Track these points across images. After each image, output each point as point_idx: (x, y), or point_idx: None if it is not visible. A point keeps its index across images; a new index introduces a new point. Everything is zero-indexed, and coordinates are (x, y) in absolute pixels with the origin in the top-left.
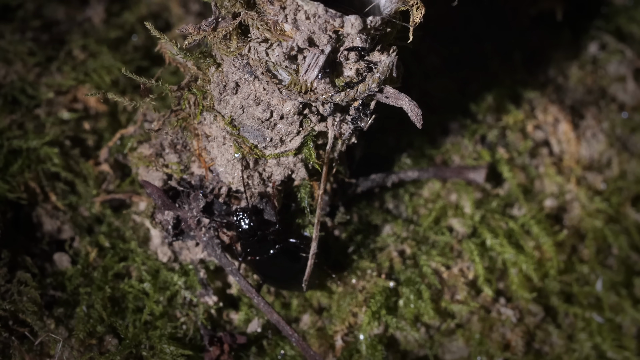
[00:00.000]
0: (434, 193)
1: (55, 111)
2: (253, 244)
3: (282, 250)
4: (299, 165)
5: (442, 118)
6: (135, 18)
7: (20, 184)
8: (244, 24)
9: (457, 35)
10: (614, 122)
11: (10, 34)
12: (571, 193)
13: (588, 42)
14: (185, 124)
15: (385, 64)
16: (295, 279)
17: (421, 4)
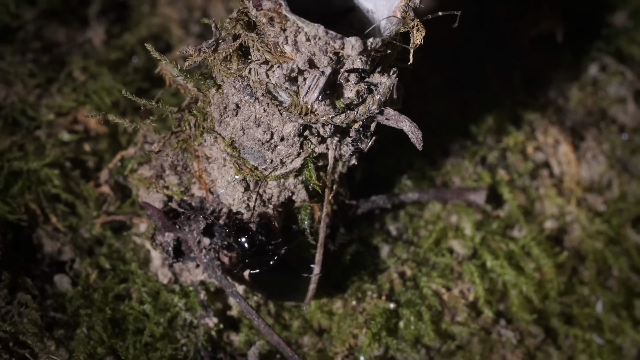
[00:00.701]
0: (434, 215)
1: (56, 133)
2: (251, 256)
3: (281, 262)
4: (299, 187)
5: (443, 139)
6: (136, 39)
7: (21, 206)
8: (244, 46)
9: (458, 57)
10: (614, 143)
11: (10, 56)
12: (571, 214)
13: (588, 63)
14: (185, 145)
15: (386, 86)
16: (296, 290)
17: (421, 26)
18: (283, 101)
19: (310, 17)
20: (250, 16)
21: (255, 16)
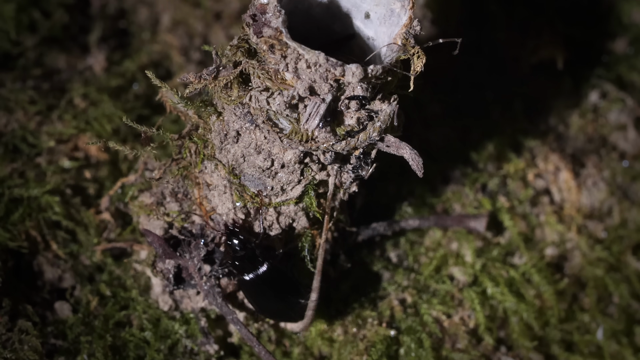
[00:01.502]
0: (434, 242)
1: (56, 160)
2: (242, 259)
3: (273, 270)
4: (300, 214)
5: (443, 166)
6: (136, 66)
7: (21, 233)
8: (244, 73)
9: (458, 84)
10: (614, 170)
11: (11, 83)
12: (572, 241)
13: (589, 90)
14: (186, 172)
15: (386, 113)
16: (292, 309)
17: (422, 53)
18: (284, 128)
19: (311, 44)
20: (251, 43)
21: (255, 43)
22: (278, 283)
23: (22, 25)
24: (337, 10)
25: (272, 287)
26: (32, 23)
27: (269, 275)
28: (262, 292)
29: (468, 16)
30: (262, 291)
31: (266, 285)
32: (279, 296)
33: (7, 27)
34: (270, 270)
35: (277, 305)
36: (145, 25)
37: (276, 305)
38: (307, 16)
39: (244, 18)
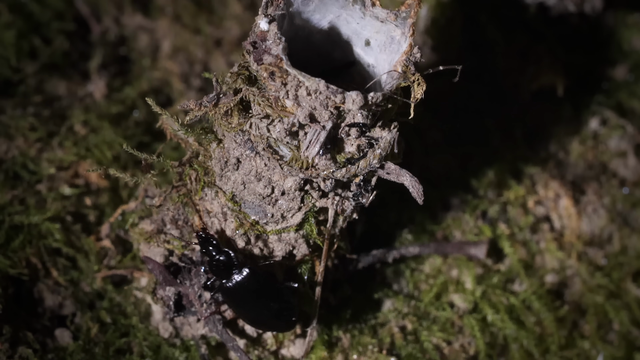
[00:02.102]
0: (435, 268)
1: (57, 186)
2: (219, 267)
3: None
4: (300, 241)
5: (443, 193)
6: (137, 93)
7: (22, 260)
8: (245, 100)
9: (458, 111)
10: (614, 197)
11: (11, 109)
12: (572, 268)
13: (589, 117)
14: (186, 199)
15: (387, 140)
16: (276, 316)
17: (422, 80)
18: (284, 155)
19: (311, 71)
20: (251, 70)
21: (256, 70)
22: (259, 289)
23: (23, 52)
24: (337, 37)
25: (253, 293)
26: (33, 50)
27: (248, 281)
28: (244, 299)
29: (468, 43)
30: (243, 298)
31: (247, 292)
32: (262, 303)
33: (8, 54)
34: (250, 276)
35: (260, 313)
36: (146, 52)
37: (259, 313)
38: (307, 43)
39: (244, 45)
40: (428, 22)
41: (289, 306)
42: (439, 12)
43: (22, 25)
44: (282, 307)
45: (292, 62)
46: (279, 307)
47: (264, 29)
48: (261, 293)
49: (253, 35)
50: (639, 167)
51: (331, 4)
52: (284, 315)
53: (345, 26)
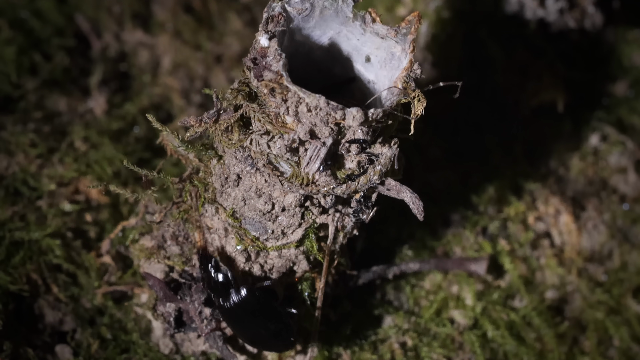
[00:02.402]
0: (435, 284)
1: (57, 203)
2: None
3: (251, 296)
4: (300, 257)
5: (444, 209)
6: (137, 109)
7: (22, 276)
8: (245, 117)
9: (458, 127)
10: (615, 213)
11: (12, 125)
12: (572, 284)
13: (589, 133)
14: (187, 216)
15: (387, 156)
16: (274, 336)
17: (422, 96)
18: (284, 172)
19: (311, 87)
20: (252, 87)
21: (256, 87)
22: (257, 309)
23: (23, 68)
24: (337, 53)
25: (250, 313)
26: (33, 66)
27: (246, 301)
28: (241, 319)
29: (468, 59)
30: (241, 318)
31: (244, 312)
32: (259, 323)
33: (8, 70)
34: (247, 296)
35: (257, 333)
36: (146, 68)
37: (257, 332)
38: (307, 59)
39: (244, 61)
40: (428, 38)
41: (287, 327)
42: (439, 28)
43: (23, 41)
44: (279, 327)
45: (293, 78)
46: (276, 328)
47: (264, 45)
48: (259, 313)
49: (253, 52)
50: (639, 183)
51: (332, 20)
52: (281, 335)
53: (346, 42)
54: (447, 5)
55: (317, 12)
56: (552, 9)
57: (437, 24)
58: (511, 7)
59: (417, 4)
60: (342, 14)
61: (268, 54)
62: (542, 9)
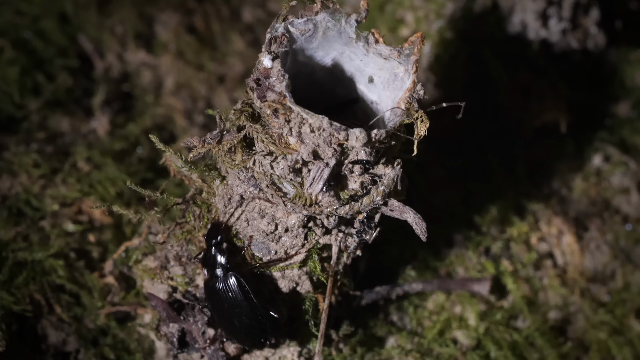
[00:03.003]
0: (438, 305)
1: (60, 223)
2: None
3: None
4: (303, 277)
5: (446, 230)
6: (140, 130)
7: (25, 296)
8: (248, 137)
9: (461, 147)
10: (617, 234)
11: (15, 146)
12: (575, 305)
13: (592, 153)
14: (190, 236)
15: (390, 177)
16: (245, 332)
17: (426, 117)
18: (287, 192)
19: (314, 107)
20: (255, 107)
21: (259, 107)
22: (237, 300)
23: (26, 89)
24: (340, 74)
25: (230, 301)
26: (36, 86)
27: (230, 287)
28: (220, 303)
29: (471, 80)
30: (220, 303)
31: (225, 298)
32: (235, 314)
33: (11, 90)
34: (233, 284)
35: (231, 323)
36: (149, 89)
37: (230, 322)
38: (310, 80)
39: (247, 82)
40: (431, 59)
41: (261, 326)
42: (442, 49)
43: (26, 61)
44: (253, 324)
45: (296, 99)
46: (250, 324)
47: (267, 66)
48: (237, 304)
49: (256, 72)
50: None
51: (334, 40)
52: (252, 333)
53: (349, 63)
54: (450, 26)
55: (320, 32)
56: (554, 29)
57: (440, 45)
58: (514, 28)
59: (420, 24)
60: (345, 35)
61: (271, 74)
62: (544, 30)
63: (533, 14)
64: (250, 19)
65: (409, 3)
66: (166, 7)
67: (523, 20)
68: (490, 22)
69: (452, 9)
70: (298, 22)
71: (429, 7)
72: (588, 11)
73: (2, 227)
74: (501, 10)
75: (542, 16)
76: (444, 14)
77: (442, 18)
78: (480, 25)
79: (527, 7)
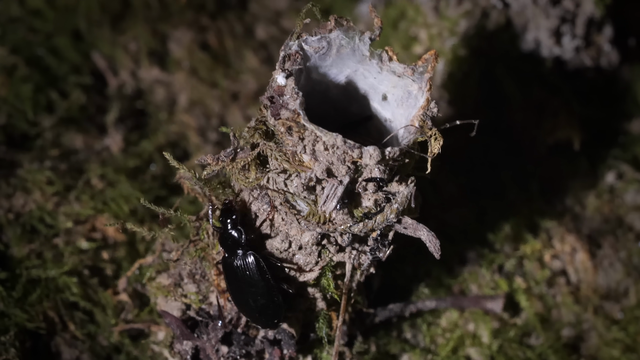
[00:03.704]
0: (451, 322)
1: (74, 240)
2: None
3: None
4: (317, 295)
5: (460, 247)
6: (154, 147)
7: (39, 314)
8: (262, 155)
9: (475, 165)
10: (631, 251)
11: (28, 163)
12: (588, 322)
13: (605, 171)
14: (203, 254)
15: (404, 195)
16: (259, 312)
17: (439, 135)
18: (301, 210)
19: (328, 125)
20: (269, 125)
21: (273, 125)
22: (254, 279)
23: (40, 106)
24: (354, 92)
25: (247, 280)
26: (50, 103)
27: (247, 267)
28: (237, 282)
29: (485, 97)
30: (237, 281)
31: (242, 277)
32: (251, 293)
33: (25, 108)
34: (250, 263)
35: (246, 302)
36: (163, 106)
37: (246, 301)
38: (324, 97)
39: (261, 100)
40: (445, 77)
41: (275, 307)
42: (456, 66)
43: (39, 78)
44: (268, 305)
45: (309, 116)
46: (265, 304)
47: (281, 83)
48: (253, 283)
49: (270, 90)
50: None
51: (348, 58)
52: (267, 313)
53: (363, 81)
54: (463, 43)
55: (334, 50)
56: (568, 47)
57: (454, 62)
58: (527, 46)
59: (433, 42)
60: (358, 53)
61: (285, 92)
62: (558, 47)
63: (546, 31)
64: (264, 36)
65: (422, 20)
66: (179, 24)
67: (536, 37)
68: (504, 39)
69: (466, 26)
70: (312, 39)
71: (443, 24)
72: (601, 29)
73: (16, 245)
74: (515, 27)
75: (555, 34)
76: (457, 31)
77: (456, 35)
78: (493, 43)
79: (541, 24)
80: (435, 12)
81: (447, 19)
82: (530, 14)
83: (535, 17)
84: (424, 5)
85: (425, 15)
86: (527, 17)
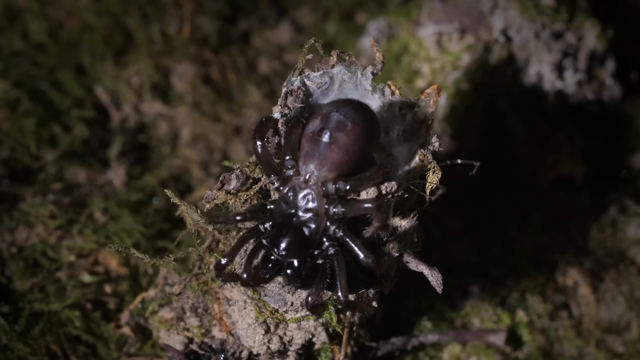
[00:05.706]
0: (454, 356)
1: (77, 274)
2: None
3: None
4: (319, 329)
5: (462, 281)
6: (156, 181)
7: (42, 347)
8: (264, 189)
9: (477, 198)
10: (633, 285)
11: (31, 197)
12: (590, 356)
13: (607, 205)
14: (206, 287)
15: (405, 229)
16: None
17: (438, 168)
18: None
19: None
20: None
21: None
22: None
23: (43, 140)
24: None
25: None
26: (53, 137)
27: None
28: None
29: (487, 131)
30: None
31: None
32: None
33: (28, 142)
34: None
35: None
36: (165, 140)
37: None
38: None
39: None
40: (447, 110)
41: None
42: (458, 100)
43: (42, 112)
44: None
45: None
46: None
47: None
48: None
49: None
50: None
51: (350, 93)
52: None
53: None
54: (466, 77)
55: (337, 85)
56: (570, 81)
57: (456, 96)
58: (530, 80)
59: (436, 76)
60: (361, 87)
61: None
62: (560, 81)
63: (549, 65)
64: (267, 71)
65: (425, 54)
66: (182, 59)
67: (539, 71)
68: (506, 73)
69: (468, 60)
70: (314, 75)
71: (445, 58)
72: (604, 63)
73: (19, 278)
74: (517, 61)
75: (557, 68)
76: (460, 65)
77: (458, 69)
78: (496, 77)
79: (543, 58)
80: (438, 46)
81: (450, 53)
82: (532, 48)
83: (538, 51)
84: (427, 40)
85: (427, 50)
86: (530, 51)
